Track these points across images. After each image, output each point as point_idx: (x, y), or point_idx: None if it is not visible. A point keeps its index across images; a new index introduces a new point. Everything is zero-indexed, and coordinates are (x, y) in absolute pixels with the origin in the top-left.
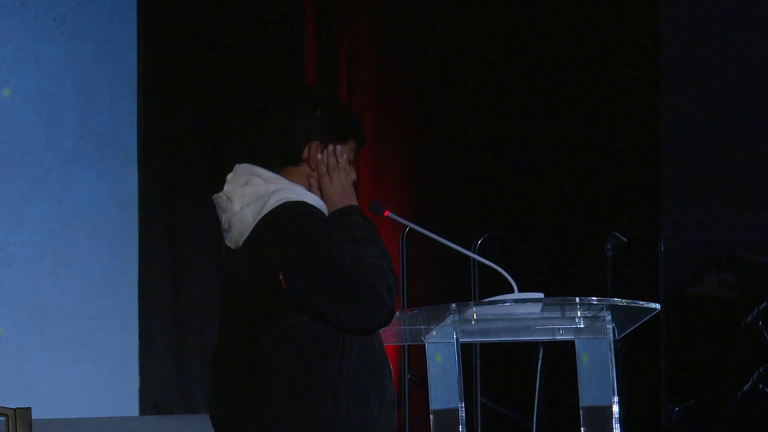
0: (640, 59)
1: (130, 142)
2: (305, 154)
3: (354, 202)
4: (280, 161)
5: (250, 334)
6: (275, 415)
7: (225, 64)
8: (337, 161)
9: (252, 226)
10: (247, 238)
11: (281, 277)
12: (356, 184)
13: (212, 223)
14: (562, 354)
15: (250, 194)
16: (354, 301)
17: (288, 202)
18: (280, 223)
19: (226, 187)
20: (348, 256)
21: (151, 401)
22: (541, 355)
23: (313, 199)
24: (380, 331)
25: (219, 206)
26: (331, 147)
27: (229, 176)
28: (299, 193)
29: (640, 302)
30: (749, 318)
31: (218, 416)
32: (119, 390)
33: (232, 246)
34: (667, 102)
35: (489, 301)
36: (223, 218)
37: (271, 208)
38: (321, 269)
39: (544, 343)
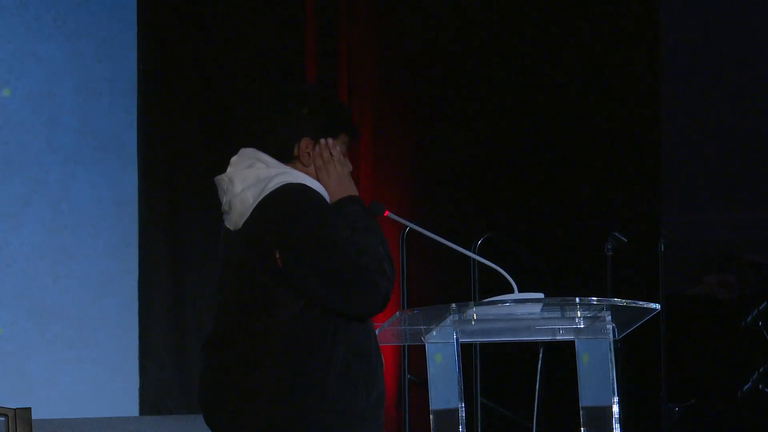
0: (640, 60)
1: (130, 142)
2: (296, 152)
3: (354, 191)
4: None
5: (241, 320)
6: (261, 403)
7: (225, 65)
8: (331, 154)
9: (252, 208)
10: (246, 220)
11: (277, 256)
12: (356, 184)
13: (213, 222)
14: (562, 354)
15: (252, 177)
16: (348, 283)
17: (288, 184)
18: (278, 204)
19: (229, 170)
20: (345, 239)
21: (151, 401)
22: (541, 355)
23: (315, 184)
24: (380, 331)
25: (220, 188)
26: (323, 141)
27: (233, 159)
28: (301, 178)
29: (640, 302)
30: (749, 318)
31: (206, 403)
32: (119, 390)
33: (232, 227)
34: (667, 102)
35: (489, 302)
36: (224, 200)
37: (271, 190)
38: (317, 250)
39: (544, 343)
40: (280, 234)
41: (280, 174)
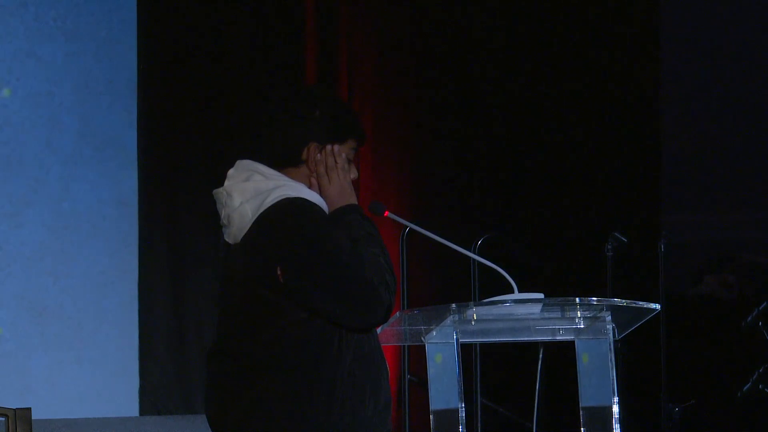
0: (640, 59)
1: (130, 142)
2: (304, 156)
3: (354, 200)
4: (280, 163)
5: (246, 331)
6: (267, 414)
7: (225, 64)
8: (336, 161)
9: (251, 222)
10: (245, 234)
11: (279, 272)
12: (356, 184)
13: (213, 223)
14: (562, 354)
15: (251, 190)
16: (350, 297)
17: (287, 198)
18: (278, 218)
19: (226, 183)
20: (346, 252)
21: (151, 401)
22: (541, 355)
23: (313, 196)
24: (379, 331)
25: (219, 201)
26: (329, 147)
27: (230, 171)
28: (299, 190)
29: (640, 302)
30: (749, 318)
31: (212, 413)
32: (119, 390)
33: (231, 241)
34: (667, 102)
35: (489, 302)
36: (223, 213)
37: (270, 204)
38: (318, 264)
39: (544, 344)
40: (280, 249)
41: (279, 187)
